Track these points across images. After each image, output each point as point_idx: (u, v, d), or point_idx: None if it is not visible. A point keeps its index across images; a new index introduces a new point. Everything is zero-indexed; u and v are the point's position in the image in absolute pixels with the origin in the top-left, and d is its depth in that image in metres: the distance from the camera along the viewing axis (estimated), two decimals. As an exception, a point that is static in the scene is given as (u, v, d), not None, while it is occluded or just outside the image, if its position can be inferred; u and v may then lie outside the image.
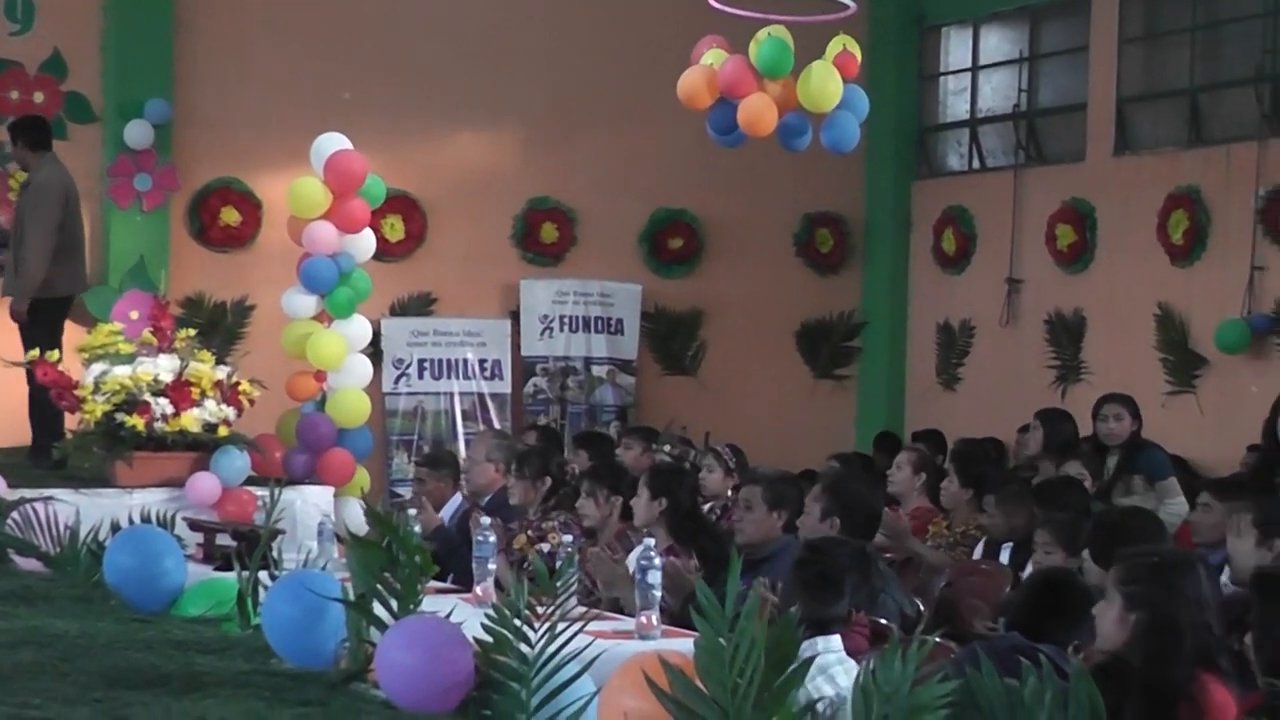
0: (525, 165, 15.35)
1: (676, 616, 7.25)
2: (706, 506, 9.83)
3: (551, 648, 3.39)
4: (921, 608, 7.73)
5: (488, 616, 3.42)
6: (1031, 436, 11.24)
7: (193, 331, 10.36)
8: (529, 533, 9.28)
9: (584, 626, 3.48)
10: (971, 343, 15.48)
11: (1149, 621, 5.25)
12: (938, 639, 6.06)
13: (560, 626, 3.42)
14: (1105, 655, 5.38)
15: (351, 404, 11.02)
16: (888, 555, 8.70)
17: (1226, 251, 13.06)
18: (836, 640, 6.03)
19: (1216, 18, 13.60)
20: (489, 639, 3.41)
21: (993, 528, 9.13)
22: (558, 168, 15.36)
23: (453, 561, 9.02)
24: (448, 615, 3.52)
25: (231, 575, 4.57)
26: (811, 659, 3.76)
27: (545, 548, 8.91)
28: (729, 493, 10.10)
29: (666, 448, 11.94)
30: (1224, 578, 7.35)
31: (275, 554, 4.60)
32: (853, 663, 5.85)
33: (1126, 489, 10.29)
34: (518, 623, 3.39)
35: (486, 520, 7.91)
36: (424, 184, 14.94)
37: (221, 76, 14.31)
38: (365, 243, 11.09)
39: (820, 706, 5.31)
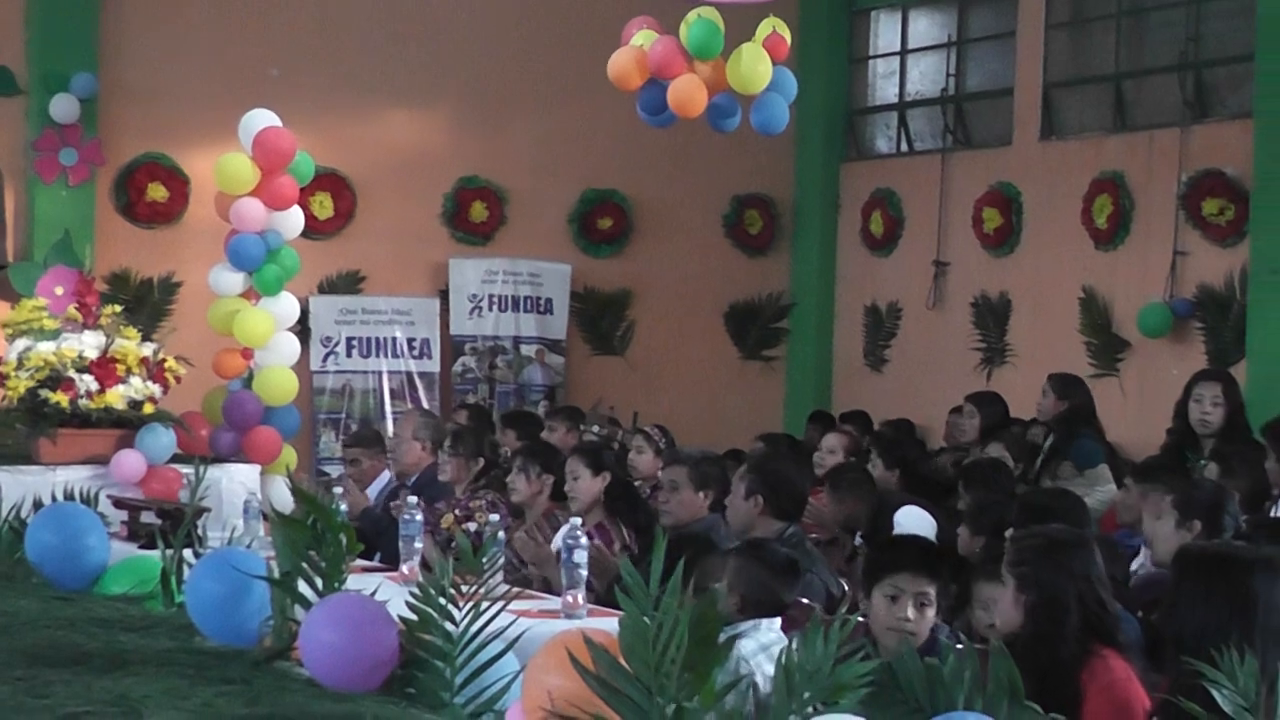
0: (455, 144, 15.32)
1: (603, 599, 7.28)
2: (636, 486, 9.85)
3: (476, 626, 3.40)
4: (846, 587, 7.78)
5: (412, 594, 3.43)
6: (968, 421, 11.28)
7: (118, 308, 10.29)
8: (456, 512, 9.28)
9: (508, 605, 3.49)
10: (898, 324, 15.55)
11: (1035, 601, 5.35)
12: (860, 618, 6.15)
13: (485, 605, 3.44)
14: (1004, 638, 5.46)
15: (278, 382, 10.99)
16: (814, 535, 8.75)
17: (1149, 236, 13.16)
18: (778, 622, 6.11)
19: (1141, 5, 13.69)
20: (414, 617, 3.42)
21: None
22: (488, 147, 15.34)
23: (381, 541, 9.02)
24: (373, 593, 3.53)
25: (156, 553, 4.56)
26: (735, 637, 3.82)
27: (472, 527, 8.92)
28: (659, 473, 10.14)
29: (595, 428, 11.95)
30: (1145, 560, 7.44)
31: (200, 532, 4.59)
32: None
33: (1055, 473, 10.38)
34: (442, 601, 3.40)
35: (413, 499, 7.93)
36: (353, 162, 14.89)
37: (149, 50, 14.22)
38: (293, 220, 11.06)
39: (751, 681, 5.39)
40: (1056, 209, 13.87)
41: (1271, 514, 8.19)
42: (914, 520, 8.73)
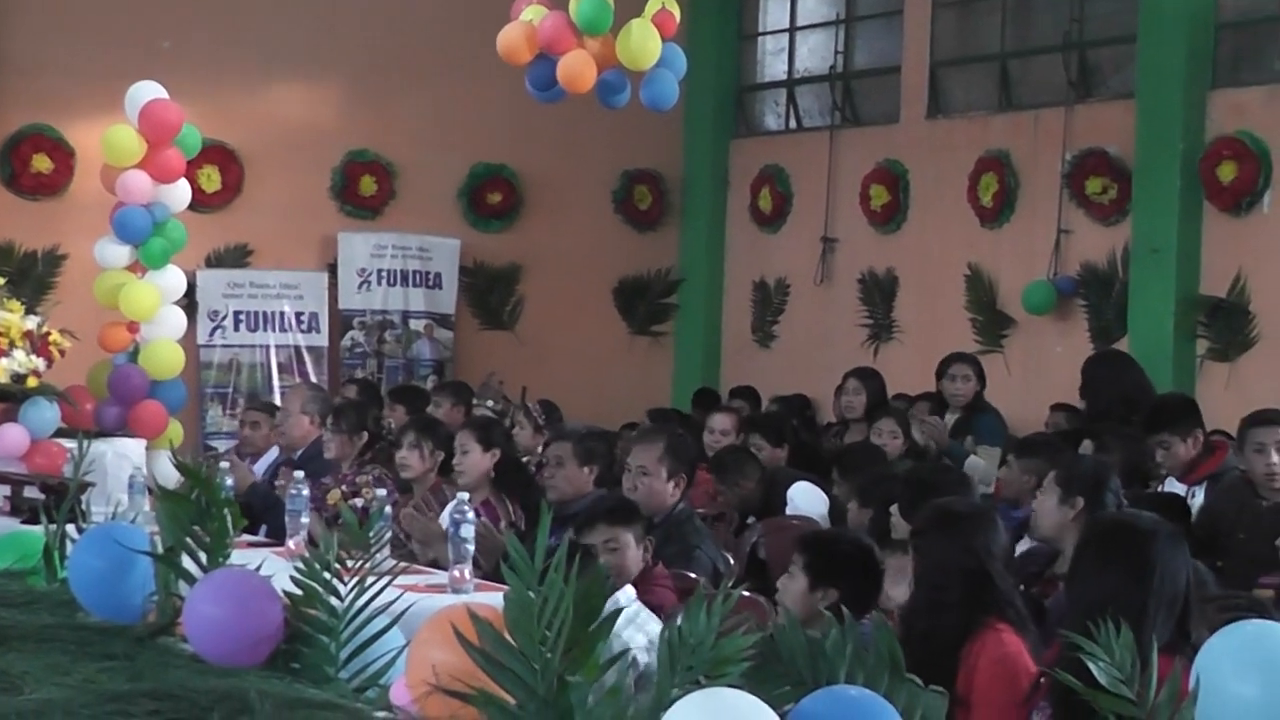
0: (344, 118, 15.25)
1: (491, 575, 7.29)
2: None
3: (361, 601, 3.40)
4: (732, 562, 7.83)
5: (297, 569, 3.43)
6: (854, 397, 11.34)
7: (2, 280, 10.21)
8: (343, 487, 9.26)
9: (394, 579, 3.50)
10: (786, 301, 15.63)
11: (921, 570, 5.45)
12: (744, 592, 6.20)
13: (370, 580, 3.44)
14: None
15: (164, 356, 10.93)
16: (702, 511, 8.79)
17: (1034, 215, 13.30)
18: (631, 591, 6.14)
19: (1027, -15, 13.83)
20: (298, 592, 3.42)
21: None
22: (377, 121, 15.28)
23: (268, 517, 8.98)
24: (257, 568, 3.52)
25: (38, 528, 4.54)
26: (618, 611, 3.84)
27: (359, 502, 8.90)
28: (539, 449, 10.14)
29: (489, 403, 11.94)
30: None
31: (84, 507, 4.55)
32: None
33: (960, 445, 10.48)
34: (327, 575, 3.40)
35: (299, 474, 7.90)
36: (241, 135, 14.80)
37: (35, 21, 14.07)
38: (180, 193, 11.00)
39: (632, 655, 5.42)
40: (943, 187, 13.98)
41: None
42: (807, 497, 8.81)
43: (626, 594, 6.10)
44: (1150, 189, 12.29)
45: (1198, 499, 8.11)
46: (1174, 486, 8.26)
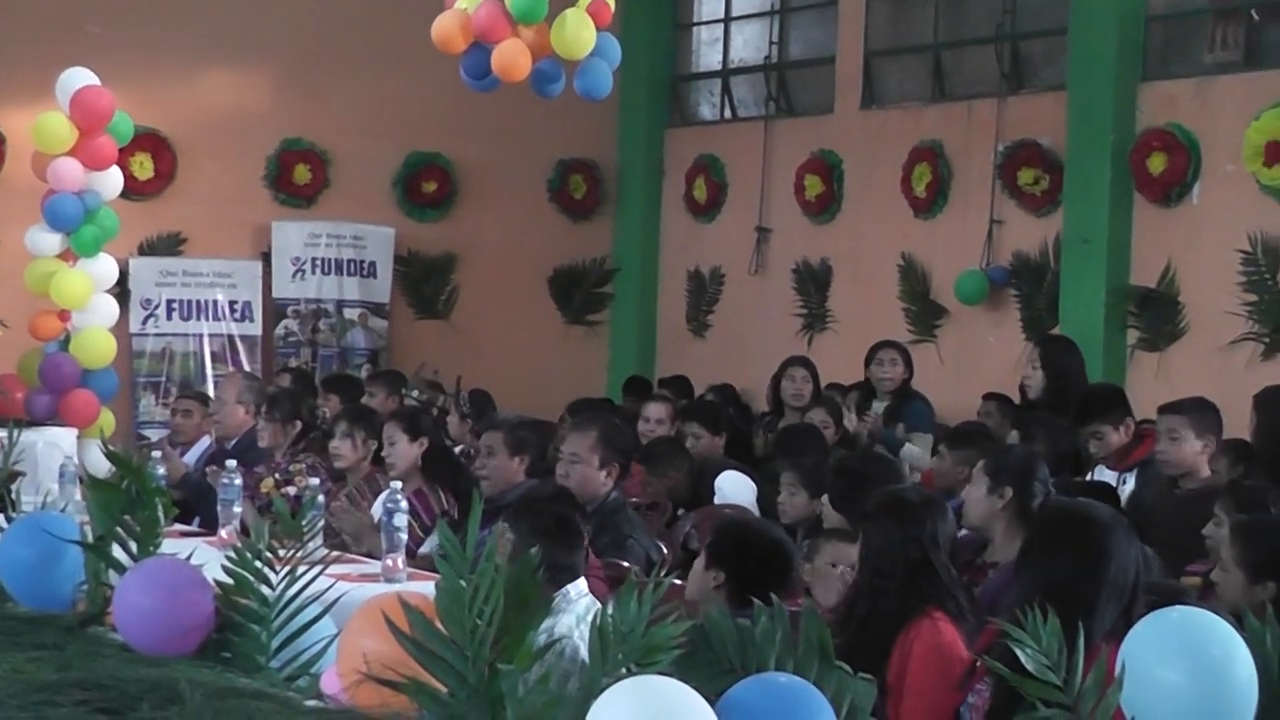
0: (278, 106, 15.20)
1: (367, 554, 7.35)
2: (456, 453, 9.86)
3: (292, 590, 3.41)
4: (665, 551, 7.85)
5: (228, 558, 3.43)
6: (803, 385, 11.34)
7: (-69, 269, 10.15)
8: (276, 476, 9.24)
9: (326, 568, 3.51)
10: (721, 290, 15.66)
11: (863, 555, 5.50)
12: (675, 581, 6.22)
13: (302, 568, 3.45)
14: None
15: (96, 344, 10.88)
16: (635, 500, 8.81)
17: (967, 205, 13.36)
18: (583, 584, 6.14)
19: (960, -24, 13.90)
20: (230, 581, 3.42)
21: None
22: (311, 109, 15.23)
23: (201, 507, 8.96)
24: (188, 558, 3.52)
25: (-32, 517, 4.52)
26: (550, 600, 3.86)
27: (292, 491, 8.89)
28: (468, 438, 10.14)
29: (415, 392, 11.94)
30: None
31: (14, 496, 4.54)
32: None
33: (894, 435, 10.52)
34: (258, 564, 3.41)
35: (232, 463, 7.89)
36: (174, 122, 14.73)
37: (-37, 7, 13.97)
38: (112, 180, 10.95)
39: (573, 644, 5.43)
40: (877, 177, 14.03)
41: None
42: (734, 485, 8.84)
43: (578, 587, 6.10)
44: (1081, 180, 12.37)
45: (1128, 486, 8.18)
46: (1104, 475, 8.32)
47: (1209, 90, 11.95)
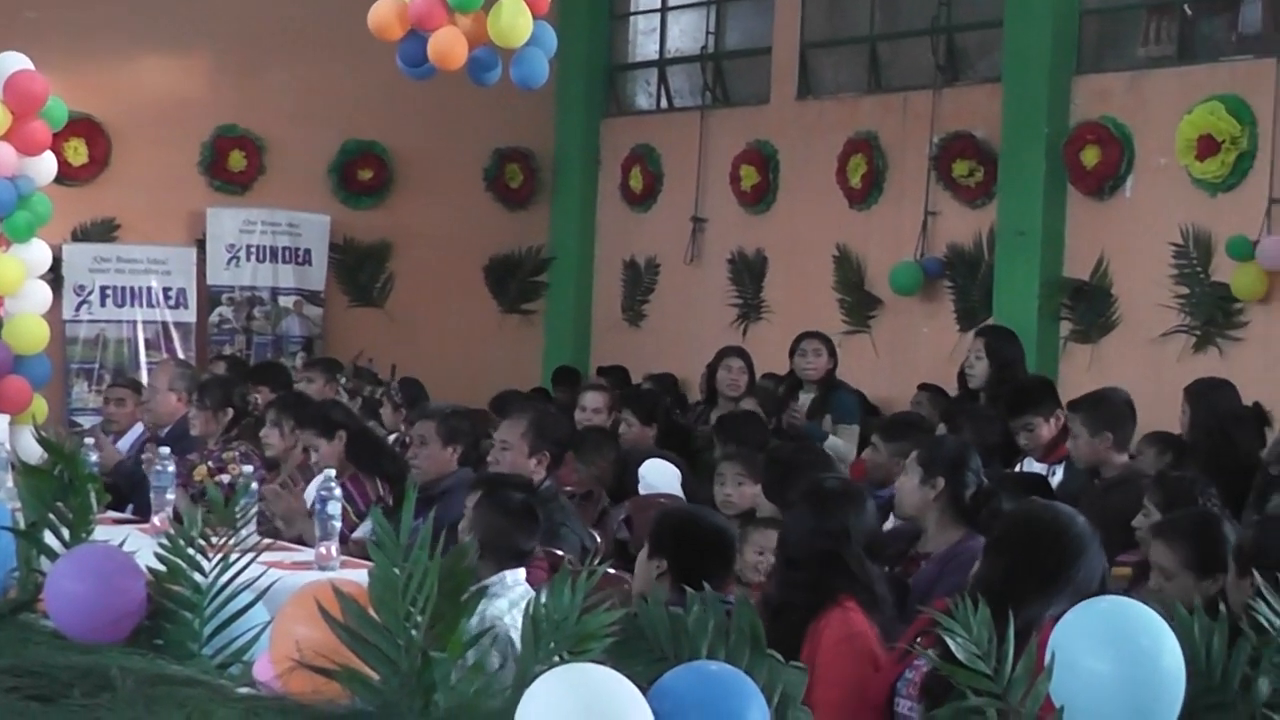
0: (214, 92, 15.13)
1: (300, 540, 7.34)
2: (390, 442, 9.84)
3: (225, 577, 3.41)
4: (599, 540, 7.86)
5: (161, 545, 3.43)
6: (740, 376, 11.35)
7: None
8: (209, 464, 9.22)
9: (259, 556, 3.51)
10: (656, 280, 15.67)
11: (780, 544, 5.52)
12: (610, 569, 6.23)
13: (235, 556, 3.45)
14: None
15: (29, 330, 10.82)
16: (570, 490, 8.81)
17: (902, 196, 13.40)
18: (521, 573, 6.15)
19: (896, -31, 13.95)
20: (162, 568, 3.42)
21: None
22: (247, 95, 15.17)
23: (135, 495, 8.92)
24: (121, 545, 3.52)
25: (-101, 503, 4.50)
26: (483, 589, 3.87)
27: (225, 478, 8.86)
28: (402, 427, 10.13)
29: (342, 380, 11.91)
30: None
31: (-54, 483, 4.53)
32: None
33: (818, 429, 10.54)
34: (191, 552, 3.40)
35: (165, 450, 7.87)
36: (109, 107, 14.64)
37: (-105, -10, 13.86)
38: (46, 166, 10.88)
39: (508, 633, 5.43)
40: (812, 168, 14.06)
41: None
42: (659, 473, 8.85)
43: (515, 575, 6.11)
44: (1016, 172, 12.44)
45: (1056, 478, 8.23)
46: (1033, 466, 8.37)
47: (1142, 84, 12.03)
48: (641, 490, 8.73)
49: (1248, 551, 5.33)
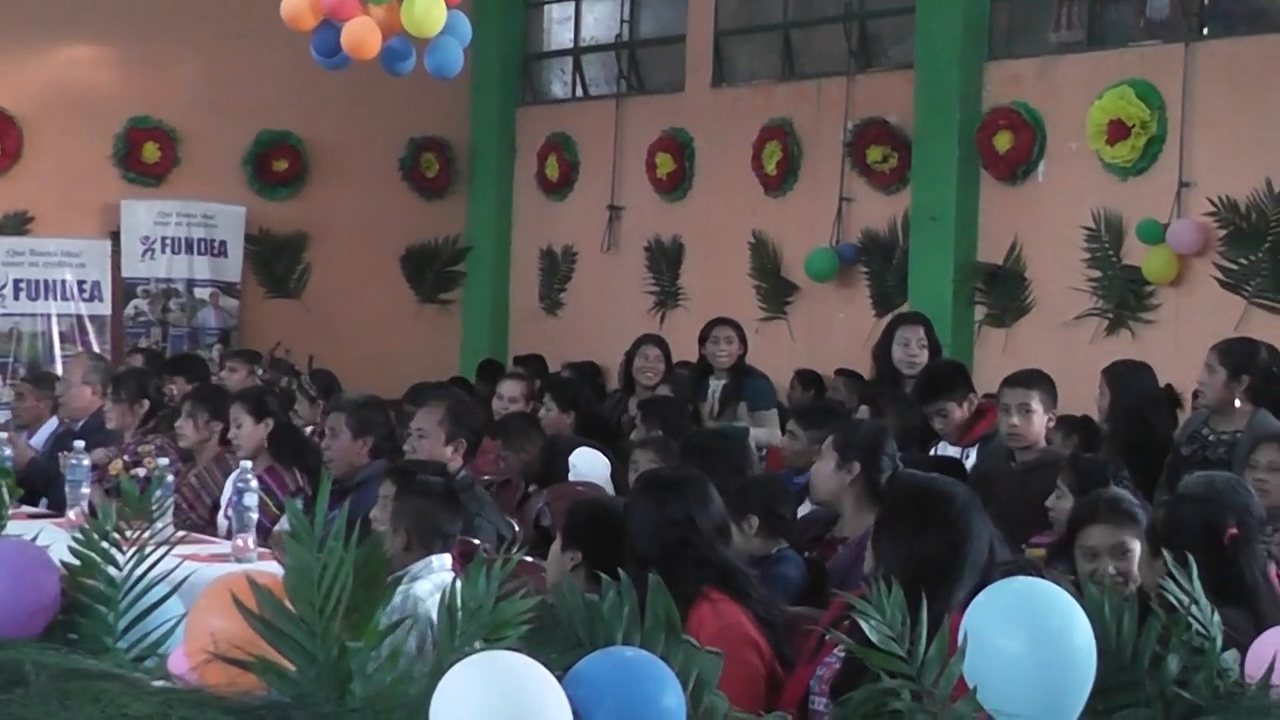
0: (126, 83, 15.04)
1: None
2: (306, 434, 9.81)
3: (140, 570, 3.40)
4: (517, 528, 7.86)
5: (75, 539, 3.42)
6: (656, 364, 11.35)
7: None
8: (125, 457, 9.17)
9: (175, 548, 3.49)
10: (574, 268, 15.69)
11: (629, 540, 5.47)
12: (528, 558, 6.24)
13: (150, 549, 3.43)
14: None
15: (-59, 325, 10.73)
16: (487, 479, 8.82)
17: (816, 183, 13.47)
18: (448, 559, 6.15)
19: (809, -44, 13.99)
20: (76, 562, 3.40)
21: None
22: (160, 86, 15.09)
23: (50, 490, 8.87)
24: (34, 539, 3.50)
25: None
26: (399, 578, 3.87)
27: (141, 471, 8.82)
28: (319, 418, 10.10)
29: (259, 371, 11.88)
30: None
31: None
32: None
33: (734, 415, 10.55)
34: (105, 545, 3.39)
35: (80, 444, 7.83)
36: (20, 99, 14.55)
37: None
38: (-44, 159, 10.80)
39: (432, 622, 5.42)
40: (727, 155, 14.11)
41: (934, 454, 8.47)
42: (589, 462, 8.86)
43: (442, 560, 6.11)
44: (929, 158, 12.52)
45: (970, 461, 8.28)
46: (947, 450, 8.42)
47: (1053, 69, 12.13)
48: (571, 478, 8.75)
49: (1159, 531, 5.38)
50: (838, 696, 4.54)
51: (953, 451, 8.35)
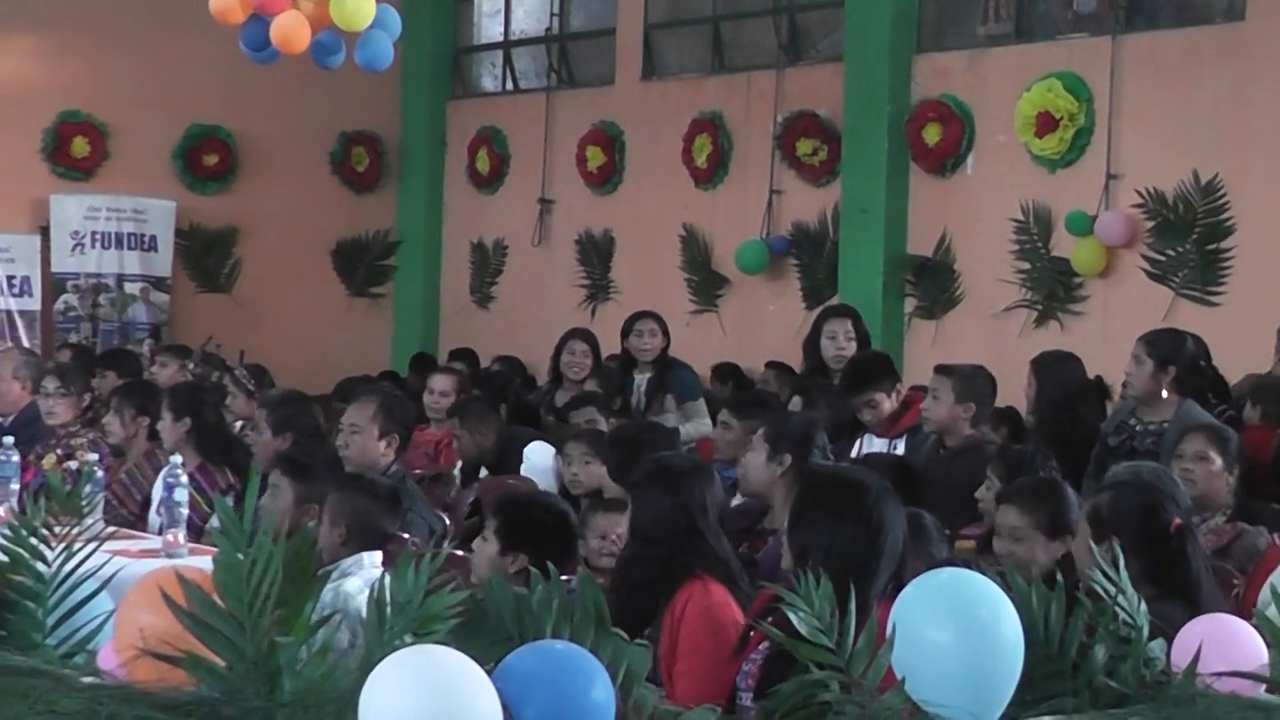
0: (55, 77, 14.94)
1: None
2: (238, 427, 9.77)
3: (69, 566, 3.39)
4: (448, 523, 7.86)
5: (3, 535, 3.41)
6: (583, 359, 11.34)
7: None
8: (59, 451, 9.12)
9: (104, 544, 3.49)
10: (505, 262, 15.68)
11: (634, 523, 5.52)
12: (457, 551, 6.24)
13: (79, 545, 3.43)
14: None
15: None
16: (419, 473, 8.81)
17: (747, 176, 13.49)
18: (379, 556, 6.14)
19: (739, -51, 14.02)
20: (4, 559, 3.39)
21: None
22: (89, 80, 15.00)
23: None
24: (-38, 536, 3.49)
25: None
26: (328, 573, 3.88)
27: (74, 466, 8.77)
28: (254, 413, 10.06)
29: (190, 366, 11.83)
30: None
31: None
32: None
33: (661, 408, 10.56)
34: (34, 541, 3.38)
35: (8, 440, 7.77)
36: (-54, 94, 14.46)
37: None
38: (-118, 154, 10.72)
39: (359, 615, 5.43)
40: (658, 148, 14.12)
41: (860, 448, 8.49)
42: (541, 455, 8.88)
43: (373, 557, 6.11)
44: (859, 151, 12.55)
45: (898, 452, 8.30)
46: (873, 443, 8.43)
47: (982, 62, 12.18)
48: (524, 471, 8.77)
49: (1104, 516, 5.39)
50: (763, 691, 4.55)
51: (879, 444, 8.37)
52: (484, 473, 9.37)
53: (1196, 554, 5.30)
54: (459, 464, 9.58)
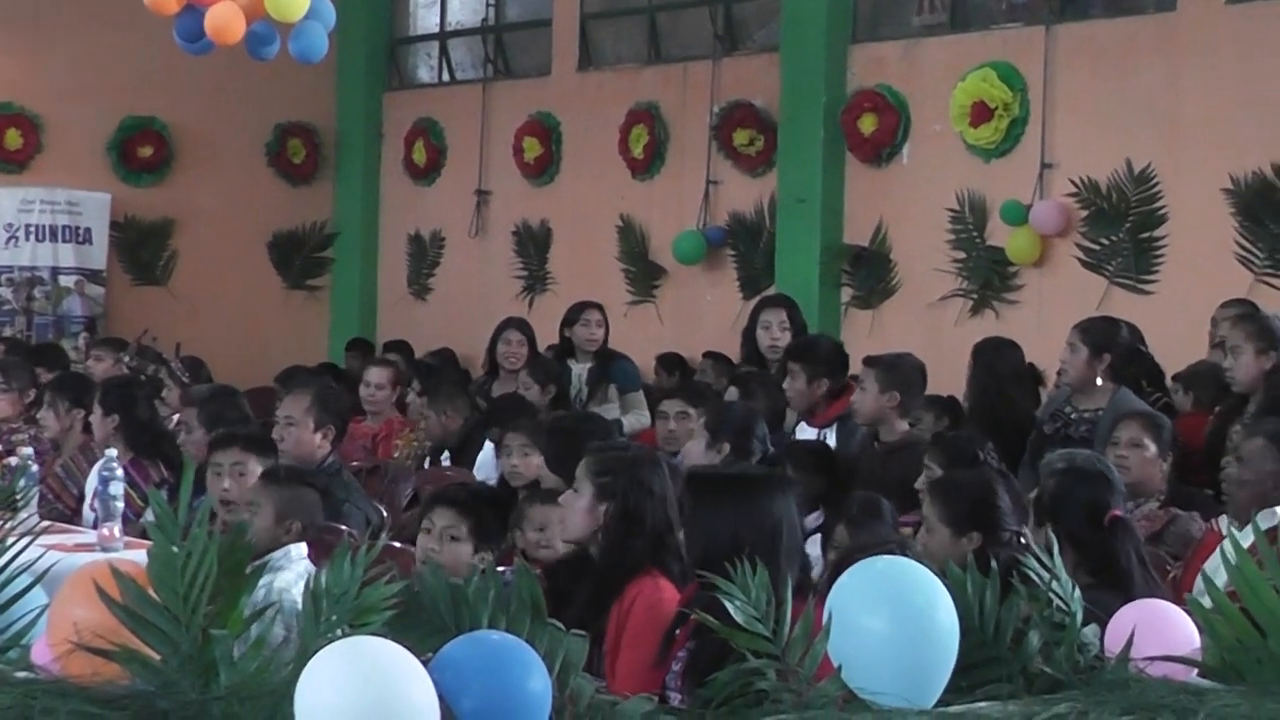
0: (-13, 69, 14.87)
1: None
2: (174, 420, 9.73)
3: (2, 560, 3.38)
4: (386, 515, 7.85)
5: (-64, 531, 3.39)
6: (519, 349, 11.31)
7: None
8: None
9: (38, 538, 3.47)
10: (442, 253, 15.66)
11: (614, 510, 5.48)
12: (396, 543, 6.24)
13: (13, 539, 3.41)
14: (570, 546, 5.63)
15: None
16: (356, 465, 8.80)
17: (683, 166, 13.51)
18: (304, 548, 6.13)
19: (677, -61, 14.02)
20: (-63, 554, 3.38)
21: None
22: (22, 72, 14.91)
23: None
24: (-105, 531, 3.47)
25: None
26: (263, 565, 3.87)
27: (13, 461, 8.72)
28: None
29: (125, 359, 11.78)
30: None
31: None
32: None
33: (604, 398, 10.56)
34: (-33, 536, 3.37)
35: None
36: (-122, 87, 14.35)
37: None
38: None
39: (291, 607, 5.41)
40: (595, 139, 14.11)
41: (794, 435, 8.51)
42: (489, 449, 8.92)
43: (299, 549, 6.09)
44: (795, 141, 12.58)
45: (829, 441, 8.31)
46: (806, 430, 8.44)
47: (917, 52, 12.22)
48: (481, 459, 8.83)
49: (1047, 502, 5.42)
50: (692, 686, 4.55)
51: (810, 432, 8.37)
52: (446, 457, 9.40)
53: (1128, 547, 5.33)
54: (402, 455, 9.59)
